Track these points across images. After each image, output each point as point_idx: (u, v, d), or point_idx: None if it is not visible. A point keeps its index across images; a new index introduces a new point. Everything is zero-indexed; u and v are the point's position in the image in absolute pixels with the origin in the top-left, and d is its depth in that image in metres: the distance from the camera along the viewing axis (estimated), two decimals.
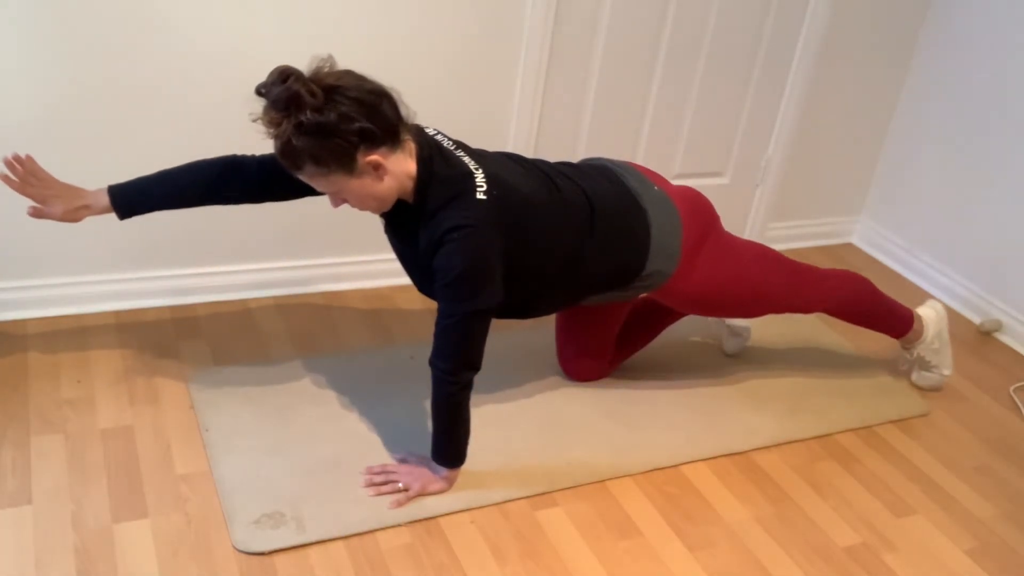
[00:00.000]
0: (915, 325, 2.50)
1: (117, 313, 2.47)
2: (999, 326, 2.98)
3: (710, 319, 2.67)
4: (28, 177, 1.96)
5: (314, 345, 2.45)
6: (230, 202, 2.06)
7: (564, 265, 2.02)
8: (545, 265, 2.00)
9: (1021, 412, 2.61)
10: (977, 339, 2.97)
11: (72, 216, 1.99)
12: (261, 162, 2.00)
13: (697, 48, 2.86)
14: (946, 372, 2.56)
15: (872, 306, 2.45)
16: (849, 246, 3.50)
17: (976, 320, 3.05)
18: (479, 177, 1.88)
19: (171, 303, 2.54)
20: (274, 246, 2.61)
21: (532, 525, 1.97)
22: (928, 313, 2.53)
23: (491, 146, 2.34)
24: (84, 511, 1.85)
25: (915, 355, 2.55)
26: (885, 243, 3.40)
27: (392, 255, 2.12)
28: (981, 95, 3.01)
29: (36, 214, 1.98)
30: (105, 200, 1.99)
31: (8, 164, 1.94)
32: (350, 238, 2.67)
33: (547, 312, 2.15)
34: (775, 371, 2.59)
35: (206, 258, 2.56)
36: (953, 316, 3.07)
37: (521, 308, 2.07)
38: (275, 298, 2.64)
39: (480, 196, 1.86)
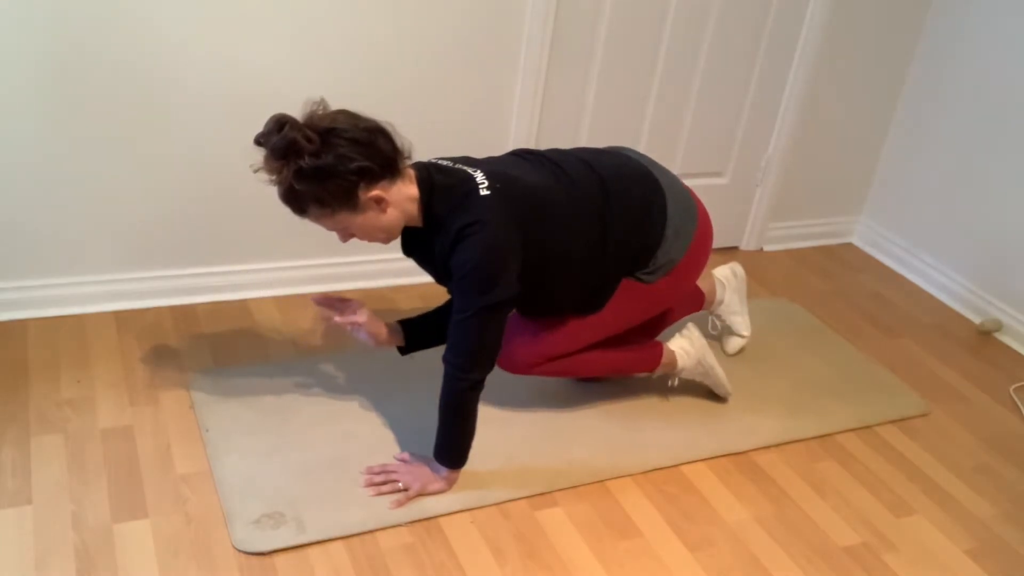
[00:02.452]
0: (666, 359, 2.34)
1: (117, 313, 2.47)
2: (999, 326, 2.98)
3: (710, 317, 2.67)
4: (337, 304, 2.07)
5: (314, 345, 2.45)
6: None
7: (588, 247, 2.02)
8: (569, 249, 2.00)
9: (1021, 412, 2.60)
10: (977, 339, 2.97)
11: (375, 329, 2.07)
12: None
13: (697, 48, 2.86)
14: (721, 391, 2.43)
15: (602, 356, 2.30)
16: (849, 246, 3.50)
17: (976, 320, 3.05)
18: (479, 177, 1.90)
19: (171, 303, 2.54)
20: (274, 246, 2.61)
21: (532, 525, 1.97)
22: (682, 344, 2.37)
23: (491, 147, 2.35)
24: (84, 511, 1.85)
25: (676, 383, 2.42)
26: (885, 243, 3.40)
27: (392, 256, 2.14)
28: (981, 95, 3.01)
29: (343, 321, 2.04)
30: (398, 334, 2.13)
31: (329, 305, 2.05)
32: (355, 240, 2.67)
33: (575, 305, 2.13)
34: (775, 371, 2.59)
35: (206, 258, 2.56)
36: (953, 316, 3.08)
37: (550, 301, 2.07)
38: (275, 298, 2.64)
39: (484, 192, 1.87)
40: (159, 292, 2.53)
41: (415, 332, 2.15)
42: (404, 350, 2.16)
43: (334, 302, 2.06)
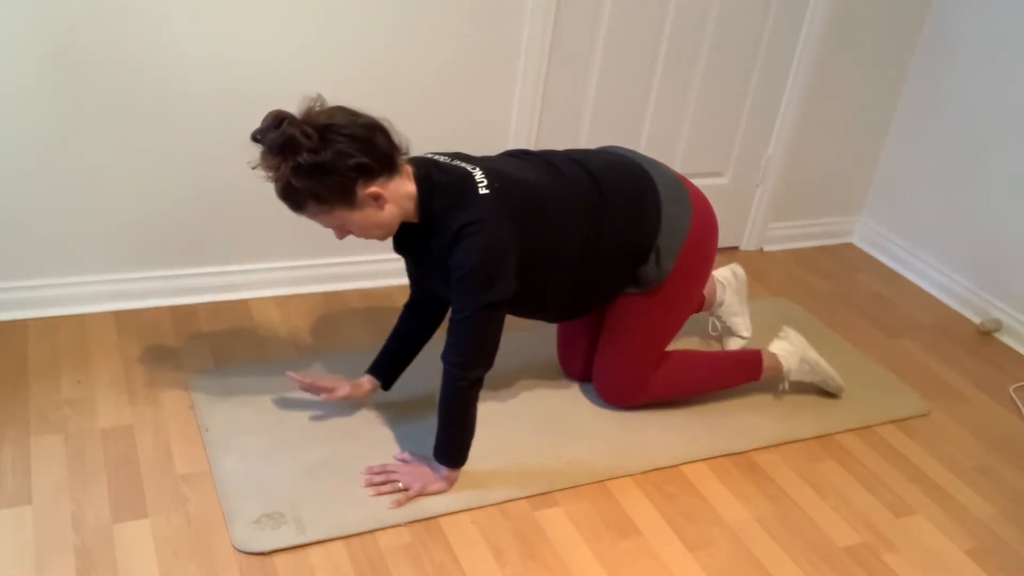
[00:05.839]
0: (767, 363, 2.39)
1: (117, 313, 2.47)
2: (999, 326, 2.98)
3: (710, 319, 2.67)
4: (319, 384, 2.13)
5: (314, 345, 2.45)
6: (435, 329, 2.20)
7: (581, 245, 2.03)
8: (562, 247, 2.00)
9: (1021, 412, 2.60)
10: (977, 339, 2.97)
11: (359, 392, 2.15)
12: (418, 291, 2.18)
13: (697, 48, 2.86)
14: (833, 385, 2.47)
15: (707, 374, 2.39)
16: (849, 246, 3.50)
17: (976, 320, 3.05)
18: (478, 175, 1.90)
19: (171, 303, 2.54)
20: (274, 246, 2.61)
21: (532, 525, 1.97)
22: (782, 346, 2.43)
23: (491, 147, 2.35)
24: (84, 511, 1.85)
25: (788, 386, 2.45)
26: (885, 243, 3.40)
27: (392, 256, 2.13)
28: (981, 95, 3.01)
29: (331, 398, 2.13)
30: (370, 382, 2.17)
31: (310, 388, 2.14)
32: (350, 238, 2.67)
33: (566, 306, 2.15)
34: None
35: (206, 258, 2.56)
36: (953, 316, 3.07)
37: (541, 300, 2.08)
38: (275, 298, 2.64)
39: (483, 191, 1.88)
40: (159, 292, 2.53)
41: (387, 371, 2.19)
42: (386, 388, 2.21)
43: (316, 388, 2.13)
